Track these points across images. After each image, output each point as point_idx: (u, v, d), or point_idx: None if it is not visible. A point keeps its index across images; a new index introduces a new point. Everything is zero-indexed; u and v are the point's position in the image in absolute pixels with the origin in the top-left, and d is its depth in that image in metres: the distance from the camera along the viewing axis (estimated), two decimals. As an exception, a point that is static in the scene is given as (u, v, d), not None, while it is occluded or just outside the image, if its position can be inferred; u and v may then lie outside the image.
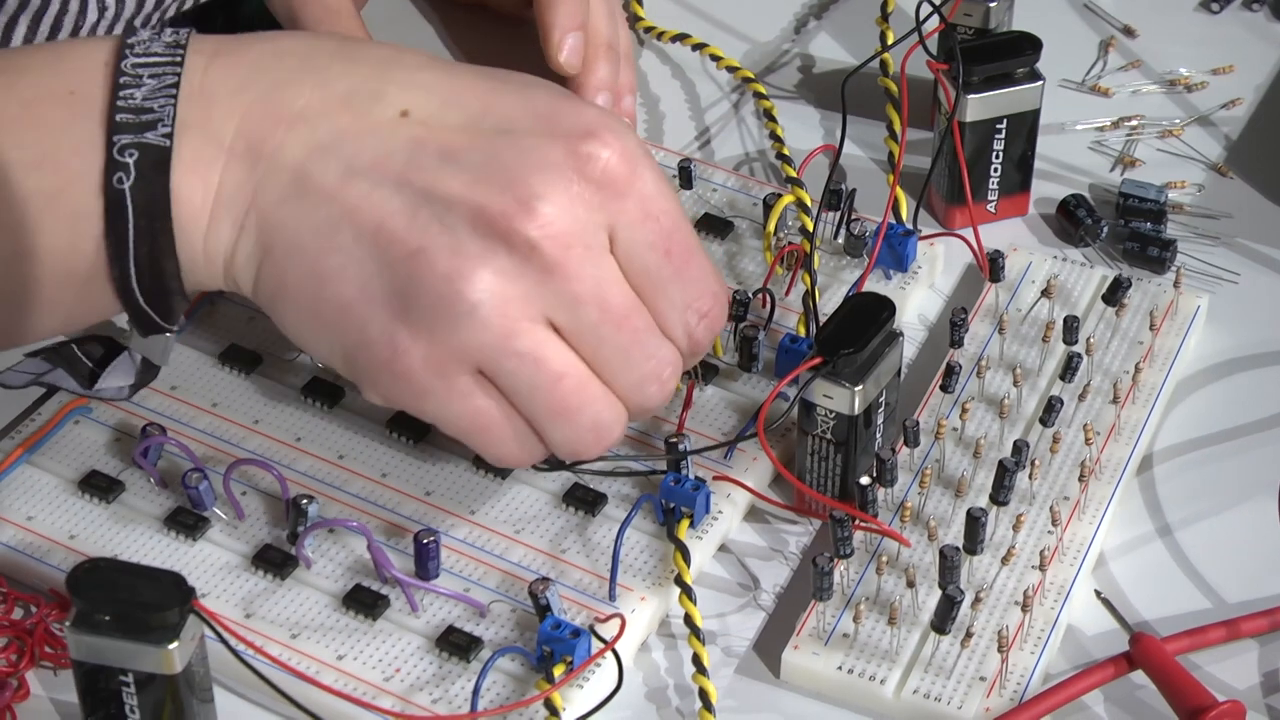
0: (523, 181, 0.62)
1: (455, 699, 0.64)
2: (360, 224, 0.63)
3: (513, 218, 0.62)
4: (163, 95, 0.62)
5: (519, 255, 0.62)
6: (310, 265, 0.63)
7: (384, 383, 0.64)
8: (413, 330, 0.63)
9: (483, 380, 0.64)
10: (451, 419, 0.64)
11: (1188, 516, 0.72)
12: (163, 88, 0.62)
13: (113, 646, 0.60)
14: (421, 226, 0.62)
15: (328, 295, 0.63)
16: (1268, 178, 0.87)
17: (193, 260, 0.64)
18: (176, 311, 0.65)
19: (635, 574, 0.68)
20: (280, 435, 0.73)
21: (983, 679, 0.65)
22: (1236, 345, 0.79)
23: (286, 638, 0.66)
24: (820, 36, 0.95)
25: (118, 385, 0.71)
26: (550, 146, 0.63)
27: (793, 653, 0.66)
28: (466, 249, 0.62)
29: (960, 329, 0.76)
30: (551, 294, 0.63)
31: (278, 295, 0.64)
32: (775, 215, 0.80)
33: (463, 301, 0.62)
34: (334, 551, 0.69)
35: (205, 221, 0.63)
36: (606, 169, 0.63)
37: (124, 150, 0.62)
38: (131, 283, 0.63)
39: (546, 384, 0.63)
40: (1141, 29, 0.95)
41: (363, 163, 0.63)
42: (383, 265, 0.63)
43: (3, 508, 0.70)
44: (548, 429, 0.65)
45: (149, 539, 0.69)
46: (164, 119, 0.62)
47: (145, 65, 0.63)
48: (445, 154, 0.63)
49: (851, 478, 0.70)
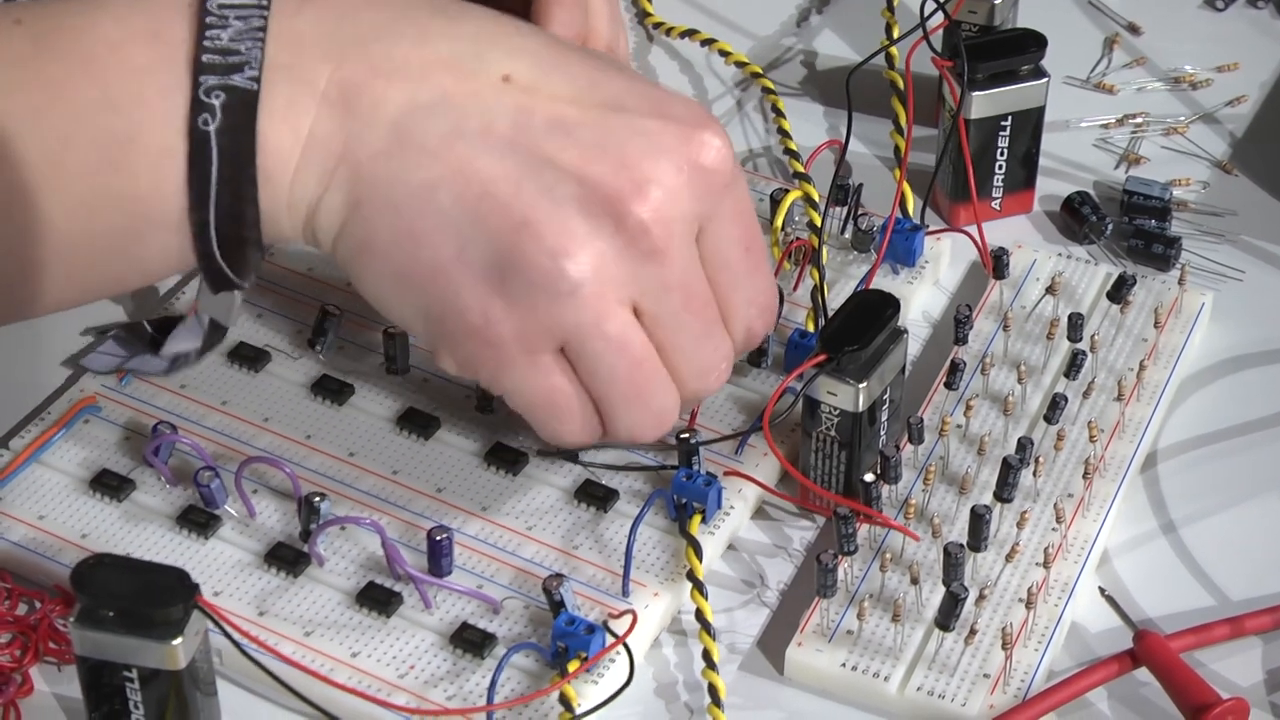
0: (637, 162, 0.62)
1: (470, 695, 0.65)
2: (462, 188, 0.62)
3: (627, 199, 0.62)
4: (249, 38, 0.61)
5: (625, 237, 0.62)
6: (405, 225, 0.62)
7: (467, 350, 0.64)
8: (508, 302, 0.62)
9: (561, 358, 0.64)
10: (527, 393, 0.65)
11: (1192, 514, 0.73)
12: (249, 30, 0.61)
13: (117, 642, 0.60)
14: (529, 197, 0.62)
15: (421, 257, 0.62)
16: (1272, 175, 0.87)
17: (275, 210, 0.62)
18: (250, 265, 0.63)
19: (648, 570, 0.69)
20: (290, 433, 0.73)
21: (986, 676, 0.66)
22: (1241, 342, 0.79)
23: (300, 635, 0.66)
24: (823, 32, 0.96)
25: (186, 349, 0.71)
26: (664, 131, 0.63)
27: (796, 649, 0.67)
28: (574, 226, 0.62)
29: (965, 326, 0.76)
30: (647, 278, 0.63)
31: (363, 252, 0.63)
32: (783, 210, 0.80)
33: (565, 280, 0.62)
34: (346, 549, 0.69)
35: (292, 170, 0.62)
36: (716, 162, 0.64)
37: (210, 92, 0.60)
38: (210, 230, 0.62)
39: (626, 369, 0.64)
40: (1146, 26, 0.95)
41: (469, 126, 0.62)
42: (484, 232, 0.62)
43: (14, 507, 0.70)
44: (617, 412, 0.65)
45: (161, 537, 0.69)
46: (251, 61, 0.61)
47: (231, 7, 0.61)
48: (555, 124, 0.62)
49: (856, 475, 0.70)
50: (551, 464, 0.72)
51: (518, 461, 0.72)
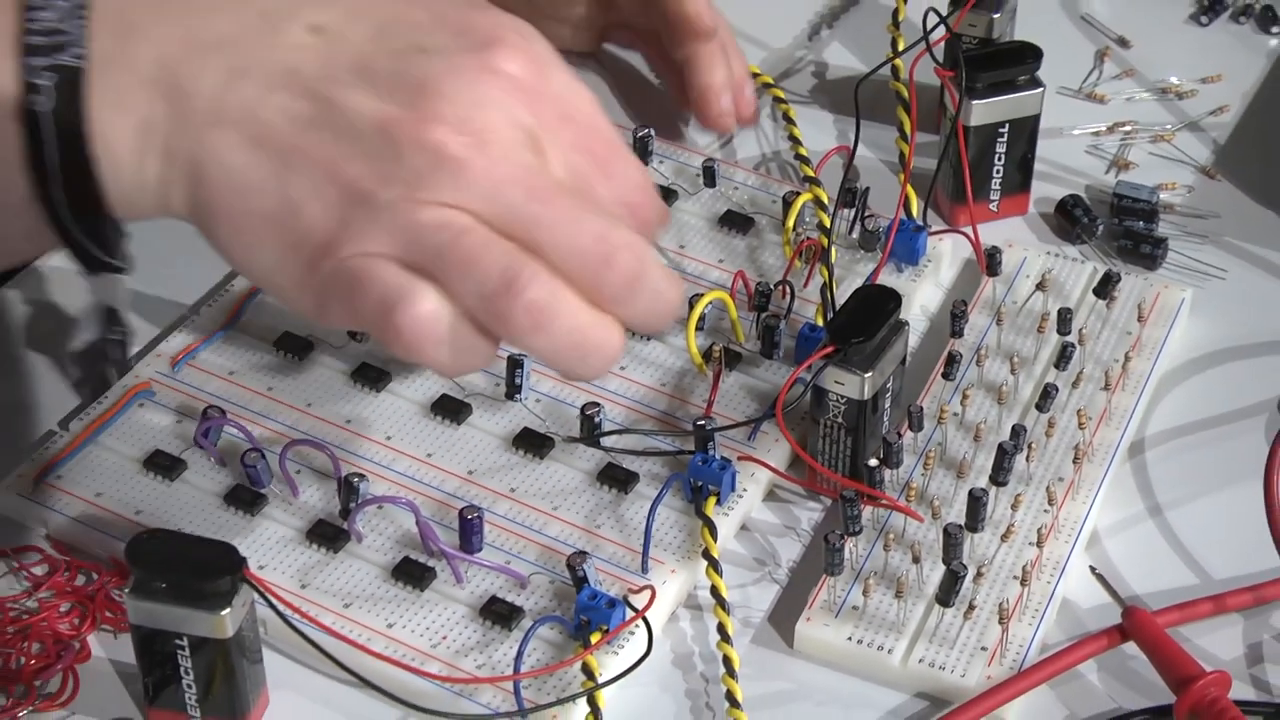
0: (435, 85, 0.58)
1: (498, 664, 0.65)
2: (277, 142, 0.59)
3: (418, 128, 0.58)
4: (73, 17, 0.58)
5: (426, 160, 0.57)
6: (237, 182, 0.59)
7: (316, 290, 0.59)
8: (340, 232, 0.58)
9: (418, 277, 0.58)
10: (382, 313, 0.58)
11: (1177, 497, 0.73)
12: (73, 8, 0.59)
13: (169, 612, 0.61)
14: (332, 138, 0.58)
15: (253, 207, 0.59)
16: (1253, 180, 0.87)
17: (127, 192, 0.60)
18: (114, 243, 0.60)
19: (666, 548, 0.69)
20: (331, 418, 0.73)
21: (984, 649, 0.66)
22: (1224, 336, 0.79)
23: (339, 607, 0.66)
24: (832, 44, 0.96)
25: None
26: (460, 56, 0.59)
27: (805, 624, 0.67)
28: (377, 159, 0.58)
29: (960, 320, 0.76)
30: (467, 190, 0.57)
31: (209, 216, 0.60)
32: (794, 212, 0.80)
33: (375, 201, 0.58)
34: (383, 526, 0.69)
35: (135, 155, 0.59)
36: (521, 66, 0.59)
37: (38, 72, 0.58)
38: (63, 209, 0.59)
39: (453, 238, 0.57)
40: (1135, 40, 0.95)
41: (276, 83, 0.59)
42: (300, 175, 0.58)
43: (73, 485, 0.70)
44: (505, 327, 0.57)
45: (210, 514, 0.70)
46: (78, 40, 0.58)
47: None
48: (357, 67, 0.59)
49: (861, 459, 0.71)
50: (575, 448, 0.72)
51: (544, 446, 0.72)
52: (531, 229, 0.57)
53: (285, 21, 0.60)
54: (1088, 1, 0.98)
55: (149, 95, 0.59)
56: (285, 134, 0.59)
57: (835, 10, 0.98)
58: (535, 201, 0.57)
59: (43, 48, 0.59)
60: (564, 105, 0.60)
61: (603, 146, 0.60)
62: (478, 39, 0.60)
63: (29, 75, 0.58)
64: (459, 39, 0.60)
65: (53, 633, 0.66)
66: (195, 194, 0.60)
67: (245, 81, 0.59)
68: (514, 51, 0.59)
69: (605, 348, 0.58)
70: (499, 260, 0.57)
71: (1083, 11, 0.97)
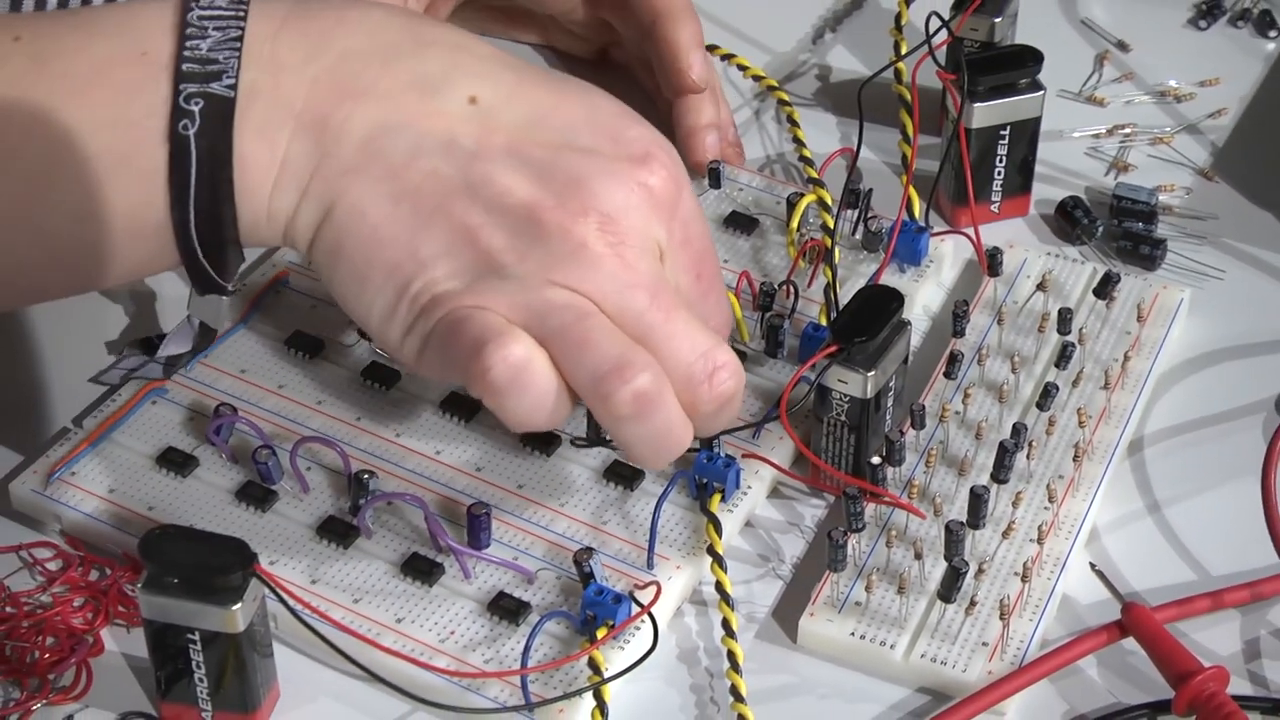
0: (586, 185, 0.61)
1: (505, 659, 0.65)
2: (420, 201, 0.61)
3: (565, 218, 0.61)
4: (226, 48, 0.60)
5: (568, 248, 0.61)
6: (370, 232, 0.61)
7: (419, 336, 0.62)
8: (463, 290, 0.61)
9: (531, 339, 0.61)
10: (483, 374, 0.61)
11: (1175, 495, 0.72)
12: (227, 40, 0.60)
13: (180, 607, 0.60)
14: (479, 212, 0.61)
15: (383, 258, 0.61)
16: (1251, 181, 0.87)
17: (255, 219, 0.62)
18: (232, 267, 0.63)
19: (671, 544, 0.69)
20: (342, 415, 0.73)
21: (985, 644, 0.65)
22: (1222, 336, 0.79)
23: (349, 602, 0.66)
24: (835, 48, 0.95)
25: (178, 352, 0.70)
26: (614, 163, 0.62)
27: (809, 619, 0.67)
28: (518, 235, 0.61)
29: (962, 320, 0.76)
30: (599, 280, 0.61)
31: (333, 256, 0.62)
32: (798, 213, 0.80)
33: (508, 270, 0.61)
34: (392, 523, 0.69)
35: (270, 186, 0.61)
36: (661, 184, 0.62)
37: (190, 99, 0.60)
38: (191, 230, 0.61)
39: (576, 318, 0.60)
40: (1134, 44, 0.95)
41: (429, 145, 0.61)
42: (436, 236, 0.61)
43: (86, 481, 0.70)
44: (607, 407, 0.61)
45: (221, 510, 0.69)
46: (228, 70, 0.60)
47: (210, 18, 0.61)
48: (510, 149, 0.62)
49: (864, 457, 0.70)
50: (578, 443, 0.72)
51: (551, 444, 0.72)
52: (648, 332, 0.61)
53: (445, 88, 0.62)
54: (1087, 6, 0.98)
55: (294, 131, 0.61)
56: (432, 196, 0.61)
57: (839, 14, 0.98)
58: (657, 309, 0.61)
59: (196, 75, 0.60)
60: (688, 228, 0.64)
61: (709, 274, 0.65)
62: (633, 151, 0.63)
63: (182, 100, 0.60)
64: (614, 146, 0.63)
65: (66, 627, 0.66)
66: (323, 233, 0.62)
67: (396, 137, 0.61)
68: (661, 169, 0.63)
69: (680, 447, 0.62)
70: (616, 346, 0.60)
71: (1082, 16, 0.97)
